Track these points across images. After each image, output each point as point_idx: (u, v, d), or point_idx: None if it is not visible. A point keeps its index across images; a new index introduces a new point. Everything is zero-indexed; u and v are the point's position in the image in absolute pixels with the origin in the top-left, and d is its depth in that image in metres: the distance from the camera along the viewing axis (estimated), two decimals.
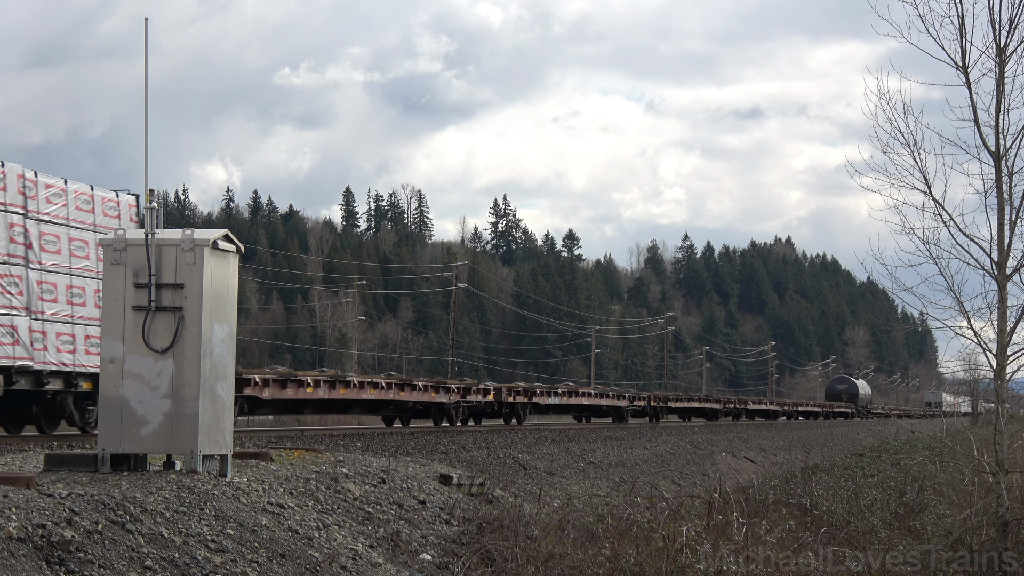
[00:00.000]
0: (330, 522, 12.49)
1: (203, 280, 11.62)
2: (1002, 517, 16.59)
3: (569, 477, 26.48)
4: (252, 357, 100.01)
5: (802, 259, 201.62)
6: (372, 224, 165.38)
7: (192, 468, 11.59)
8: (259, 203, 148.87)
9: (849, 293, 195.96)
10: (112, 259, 11.76)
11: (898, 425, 48.65)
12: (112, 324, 11.63)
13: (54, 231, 19.39)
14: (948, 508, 21.18)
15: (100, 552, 9.04)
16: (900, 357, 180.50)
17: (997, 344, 16.60)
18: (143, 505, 10.13)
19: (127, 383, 11.52)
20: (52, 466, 11.65)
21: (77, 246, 19.86)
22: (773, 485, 26.25)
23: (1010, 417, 20.12)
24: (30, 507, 9.27)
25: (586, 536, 14.40)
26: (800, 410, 74.09)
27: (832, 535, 16.70)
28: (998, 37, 16.21)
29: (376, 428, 33.33)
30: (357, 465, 15.61)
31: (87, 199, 20.40)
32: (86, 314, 19.69)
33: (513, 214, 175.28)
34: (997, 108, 16.31)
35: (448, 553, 13.51)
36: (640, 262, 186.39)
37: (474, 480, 17.89)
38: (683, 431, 42.12)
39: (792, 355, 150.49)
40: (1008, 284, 16.45)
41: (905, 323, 63.92)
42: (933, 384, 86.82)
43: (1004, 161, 16.39)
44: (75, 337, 19.57)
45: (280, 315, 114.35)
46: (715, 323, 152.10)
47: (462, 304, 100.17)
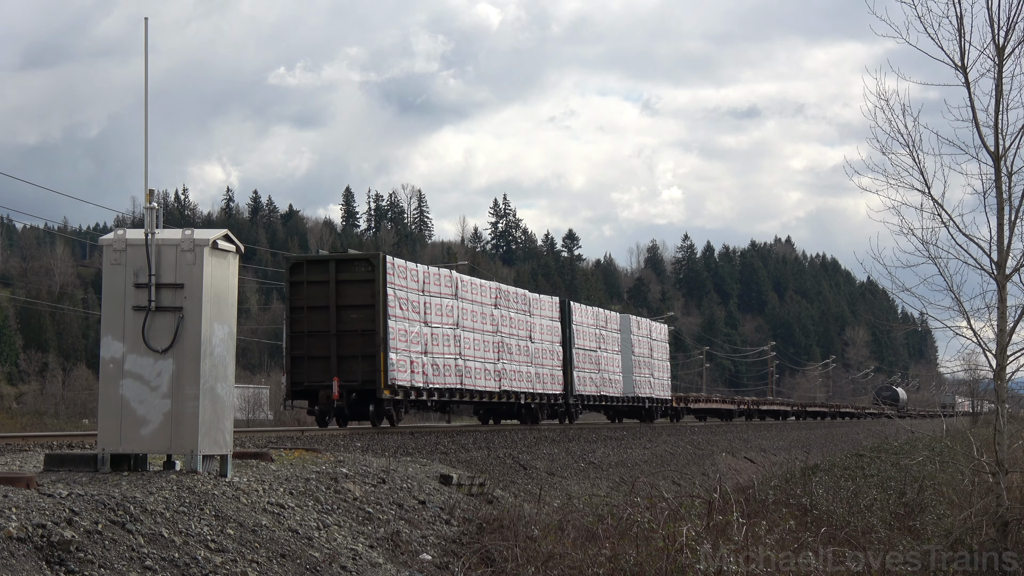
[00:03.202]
0: (330, 522, 12.50)
1: (203, 280, 11.63)
2: (1002, 517, 16.59)
3: (569, 477, 26.48)
4: (252, 357, 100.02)
5: (802, 259, 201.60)
6: (372, 224, 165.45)
7: (192, 468, 11.59)
8: (259, 203, 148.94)
9: (849, 293, 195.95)
10: (112, 259, 11.76)
11: (898, 425, 48.62)
12: (112, 324, 11.63)
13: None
14: (948, 508, 21.17)
15: (100, 552, 9.04)
16: (900, 357, 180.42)
17: (997, 344, 16.60)
18: (143, 505, 10.13)
19: (127, 383, 11.52)
20: (52, 466, 11.65)
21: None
22: (773, 485, 26.25)
23: (1010, 417, 20.10)
24: (30, 507, 9.27)
25: (586, 536, 14.40)
26: (843, 411, 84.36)
27: (832, 535, 16.70)
28: (996, 37, 16.22)
29: (376, 428, 33.25)
30: (357, 465, 15.61)
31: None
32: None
33: (513, 214, 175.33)
34: (996, 108, 16.32)
35: (448, 553, 13.52)
36: (640, 262, 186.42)
37: (474, 480, 17.90)
38: (683, 431, 42.11)
39: (792, 355, 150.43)
40: (1007, 284, 16.45)
41: (905, 323, 63.88)
42: (933, 384, 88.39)
43: (1003, 161, 16.39)
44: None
45: (280, 315, 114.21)
46: (715, 323, 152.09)
47: None
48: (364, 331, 26.68)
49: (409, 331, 27.62)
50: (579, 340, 38.59)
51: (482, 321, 31.60)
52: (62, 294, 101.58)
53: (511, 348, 33.22)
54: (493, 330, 32.16)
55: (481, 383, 31.07)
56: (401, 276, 27.62)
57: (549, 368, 35.74)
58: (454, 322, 29.87)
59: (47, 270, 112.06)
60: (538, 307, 35.96)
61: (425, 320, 28.41)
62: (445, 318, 29.38)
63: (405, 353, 27.23)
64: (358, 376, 26.60)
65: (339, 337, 26.81)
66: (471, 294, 31.23)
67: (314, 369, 27.00)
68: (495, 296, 32.81)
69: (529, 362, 34.29)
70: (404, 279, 27.72)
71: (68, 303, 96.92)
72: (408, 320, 27.57)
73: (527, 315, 34.93)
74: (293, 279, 27.48)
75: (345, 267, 27.31)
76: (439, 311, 29.08)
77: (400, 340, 27.09)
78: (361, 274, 27.04)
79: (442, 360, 28.97)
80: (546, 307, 36.66)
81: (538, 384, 34.88)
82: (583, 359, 38.73)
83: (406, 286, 27.78)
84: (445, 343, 29.18)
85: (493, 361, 31.91)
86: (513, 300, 34.07)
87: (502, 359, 32.52)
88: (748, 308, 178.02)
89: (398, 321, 27.14)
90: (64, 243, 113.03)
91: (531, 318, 35.13)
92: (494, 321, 32.33)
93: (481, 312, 31.58)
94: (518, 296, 34.62)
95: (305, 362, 27.13)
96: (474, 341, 30.83)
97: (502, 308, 33.04)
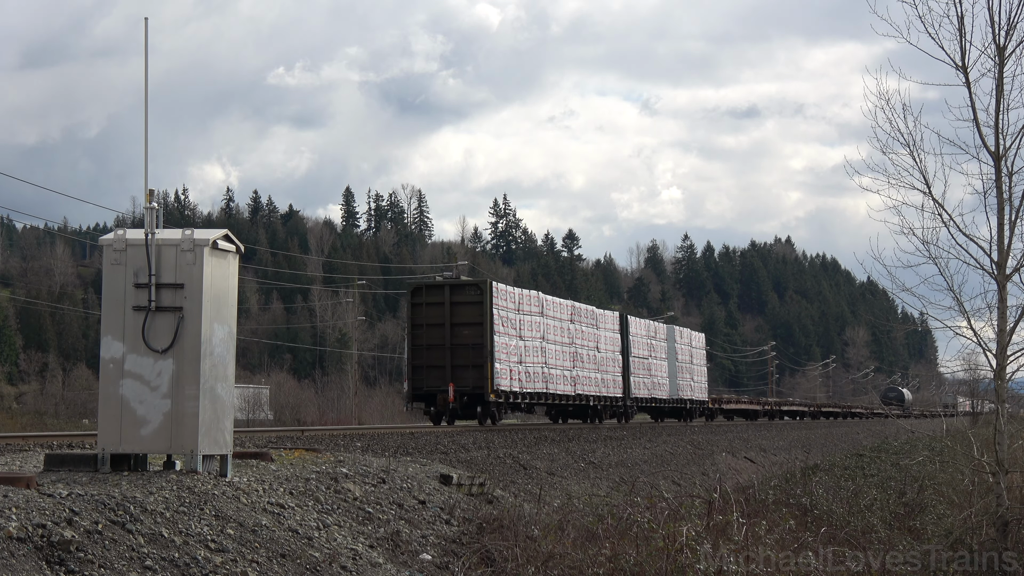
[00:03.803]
0: (330, 522, 12.50)
1: (203, 280, 11.62)
2: (1002, 517, 16.58)
3: (569, 477, 26.47)
4: (252, 357, 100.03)
5: (802, 259, 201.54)
6: (372, 224, 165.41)
7: (192, 468, 11.58)
8: (259, 203, 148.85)
9: (849, 293, 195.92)
10: (112, 259, 11.75)
11: (898, 425, 48.65)
12: (112, 324, 11.63)
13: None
14: (948, 508, 21.17)
15: (100, 552, 9.04)
16: (900, 357, 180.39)
17: (997, 344, 16.60)
18: (143, 505, 10.13)
19: (127, 383, 11.52)
20: (52, 466, 11.65)
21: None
22: (773, 485, 26.25)
23: (1010, 417, 20.09)
24: (30, 507, 9.27)
25: (586, 536, 14.40)
26: (854, 411, 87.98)
27: (832, 535, 16.70)
28: (997, 37, 16.23)
29: (376, 428, 33.32)
30: (357, 465, 15.61)
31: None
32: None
33: (513, 214, 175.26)
34: (996, 108, 16.32)
35: (448, 553, 13.52)
36: (640, 262, 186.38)
37: (474, 480, 17.89)
38: (683, 431, 42.11)
39: (792, 355, 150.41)
40: (1008, 284, 16.45)
41: (905, 323, 63.88)
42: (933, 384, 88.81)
43: (1004, 161, 16.39)
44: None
45: (280, 315, 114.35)
46: (715, 323, 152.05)
47: None
48: (474, 345, 32.03)
49: (509, 344, 33.22)
50: (635, 349, 44.11)
51: (561, 334, 37.28)
52: (62, 294, 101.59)
53: (582, 357, 38.78)
54: (569, 342, 37.81)
55: (560, 388, 36.56)
56: (503, 298, 33.10)
57: (611, 374, 41.33)
58: (541, 336, 35.54)
59: (47, 270, 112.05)
60: (603, 321, 41.38)
61: (520, 335, 34.03)
62: (534, 332, 35.06)
63: (506, 363, 32.79)
64: (469, 382, 32.03)
65: (453, 350, 32.20)
66: (553, 311, 36.88)
67: (432, 376, 32.27)
68: (571, 313, 38.50)
69: (596, 369, 39.85)
70: (505, 300, 33.30)
71: (68, 303, 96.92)
72: (508, 335, 33.17)
73: (595, 328, 40.34)
74: (414, 301, 33.07)
75: (458, 291, 32.92)
76: (530, 327, 34.77)
77: (503, 352, 32.64)
78: (471, 296, 32.64)
79: (532, 368, 34.66)
80: (608, 321, 42.04)
81: (603, 388, 40.24)
82: (638, 366, 44.27)
83: (506, 306, 33.33)
84: (534, 354, 34.90)
85: (569, 368, 37.53)
86: (584, 316, 39.56)
87: (576, 367, 38.13)
88: (748, 308, 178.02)
89: (501, 336, 32.65)
90: (64, 243, 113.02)
91: (597, 331, 40.56)
92: (570, 334, 38.01)
93: (560, 327, 37.27)
94: (588, 312, 40.19)
95: (424, 371, 32.41)
96: (555, 352, 36.54)
97: (576, 323, 38.74)
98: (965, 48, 16.28)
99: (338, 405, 79.67)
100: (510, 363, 33.08)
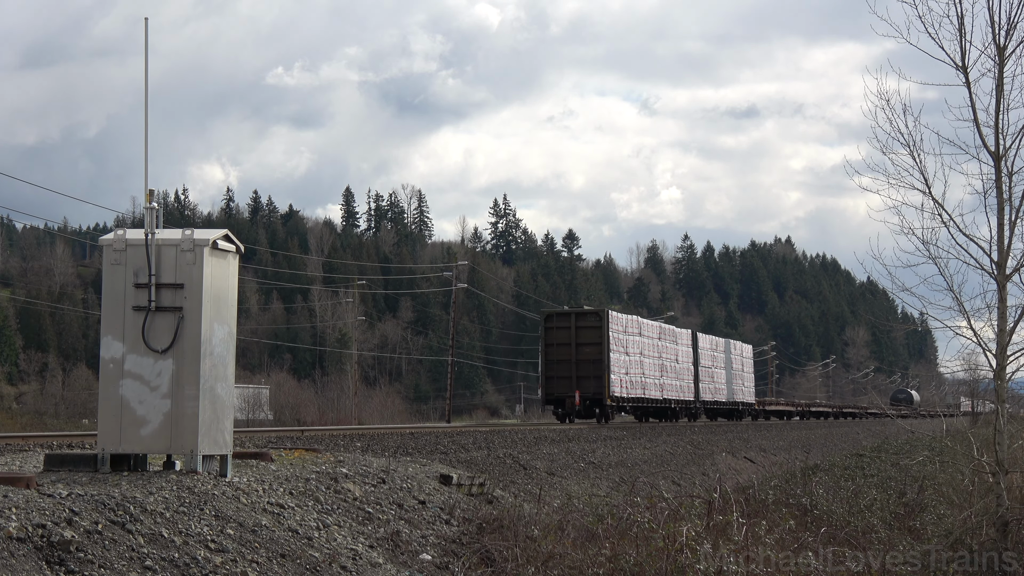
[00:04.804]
0: (330, 522, 12.49)
1: (203, 280, 11.61)
2: (1002, 517, 16.57)
3: (569, 477, 26.46)
4: (252, 357, 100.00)
5: (802, 259, 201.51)
6: (372, 224, 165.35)
7: (192, 468, 11.58)
8: (259, 203, 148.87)
9: (849, 293, 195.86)
10: (112, 259, 11.75)
11: (898, 425, 48.68)
12: (112, 324, 11.62)
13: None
14: (948, 508, 21.15)
15: (100, 552, 9.04)
16: (900, 357, 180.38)
17: (997, 344, 16.58)
18: (143, 505, 10.13)
19: (127, 383, 11.51)
20: (52, 466, 11.64)
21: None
22: (773, 485, 26.24)
23: (1010, 417, 20.08)
24: (30, 507, 9.27)
25: (586, 536, 14.40)
26: (870, 412, 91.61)
27: (832, 535, 16.69)
28: (997, 37, 16.20)
29: (376, 428, 33.33)
30: (357, 465, 15.61)
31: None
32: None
33: (513, 214, 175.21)
34: (997, 108, 16.29)
35: (448, 553, 13.52)
36: (640, 262, 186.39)
37: (474, 480, 17.89)
38: (683, 431, 42.13)
39: (792, 355, 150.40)
40: (1008, 284, 16.43)
41: (905, 323, 63.81)
42: (933, 384, 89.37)
43: (1004, 161, 16.36)
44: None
45: (280, 315, 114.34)
46: (715, 323, 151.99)
47: (462, 304, 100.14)
48: (594, 360, 41.55)
49: (619, 359, 42.62)
50: (702, 360, 53.64)
51: (652, 350, 46.65)
52: (62, 294, 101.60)
53: (667, 368, 48.30)
54: (658, 356, 47.30)
55: (652, 393, 46.18)
56: (615, 323, 42.74)
57: (686, 381, 51.08)
58: (639, 352, 44.91)
59: (47, 270, 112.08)
60: (680, 337, 51.29)
61: (626, 351, 43.43)
62: (635, 349, 44.50)
63: (618, 374, 42.34)
64: (590, 390, 41.51)
65: (577, 364, 41.70)
66: (647, 332, 46.32)
67: (561, 385, 41.88)
68: (659, 332, 48.10)
69: (676, 377, 49.50)
70: (616, 324, 42.88)
71: (68, 303, 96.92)
72: (618, 352, 42.69)
73: (675, 344, 49.92)
74: (547, 325, 43.09)
75: (581, 317, 43.01)
76: (633, 345, 44.20)
77: (615, 366, 42.23)
78: (592, 322, 42.36)
79: (635, 378, 44.19)
80: (684, 337, 51.93)
81: (681, 393, 49.97)
82: (704, 374, 53.81)
83: (617, 329, 42.85)
84: (636, 367, 44.39)
85: (658, 378, 47.07)
86: (668, 334, 49.31)
87: (663, 376, 47.74)
88: (748, 308, 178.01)
89: (614, 353, 42.23)
90: (64, 243, 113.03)
91: (676, 346, 50.08)
92: (658, 350, 47.52)
93: (652, 344, 46.75)
94: (670, 331, 50.03)
95: (555, 380, 42.07)
96: (649, 364, 45.96)
97: (663, 340, 48.33)
98: (965, 48, 16.26)
99: (338, 405, 79.71)
100: (620, 374, 42.52)
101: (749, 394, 62.10)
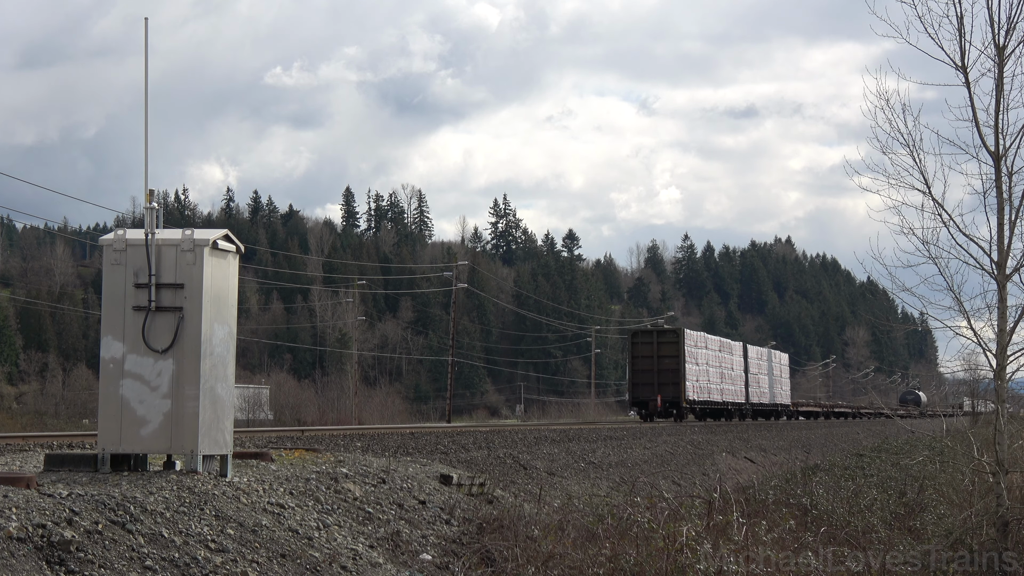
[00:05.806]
0: (330, 522, 12.50)
1: (203, 280, 11.61)
2: (1002, 517, 16.58)
3: (569, 477, 26.47)
4: (252, 357, 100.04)
5: (802, 259, 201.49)
6: (372, 224, 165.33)
7: (192, 468, 11.58)
8: (259, 203, 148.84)
9: (849, 293, 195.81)
10: (112, 259, 11.75)
11: (898, 425, 48.70)
12: (112, 324, 11.62)
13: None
14: (948, 508, 21.16)
15: (100, 552, 9.04)
16: (900, 357, 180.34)
17: (997, 344, 16.58)
18: (143, 505, 10.13)
19: (127, 383, 11.51)
20: (52, 466, 11.64)
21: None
22: (773, 485, 26.26)
23: (1010, 417, 20.08)
24: (30, 507, 9.27)
25: (586, 536, 14.40)
26: (880, 412, 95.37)
27: (832, 535, 16.70)
28: (997, 37, 16.20)
29: (376, 428, 33.34)
30: (357, 465, 15.61)
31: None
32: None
33: (513, 214, 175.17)
34: (996, 108, 16.29)
35: (448, 553, 13.52)
36: (640, 262, 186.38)
37: (474, 480, 17.89)
38: (683, 431, 42.13)
39: (792, 355, 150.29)
40: (1008, 284, 16.43)
41: (905, 323, 63.81)
42: (933, 384, 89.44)
43: (1003, 161, 16.36)
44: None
45: (280, 315, 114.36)
46: (715, 323, 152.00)
47: (462, 304, 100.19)
48: (672, 370, 51.14)
49: (691, 369, 52.12)
50: (751, 368, 63.59)
51: (714, 360, 56.04)
52: (62, 294, 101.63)
53: (725, 376, 57.78)
54: (718, 365, 56.64)
55: (715, 397, 55.67)
56: (688, 339, 52.25)
57: (739, 386, 60.93)
58: (706, 362, 54.48)
59: (47, 270, 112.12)
60: (734, 349, 61.15)
61: (696, 362, 52.88)
62: (703, 360, 54.08)
63: (691, 381, 51.86)
64: (669, 394, 51.06)
65: (658, 373, 51.20)
66: (711, 345, 56.13)
67: (644, 390, 51.51)
68: (719, 345, 57.87)
69: (732, 383, 59.31)
70: (689, 340, 52.45)
71: (68, 303, 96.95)
72: (691, 363, 52.06)
73: (730, 355, 59.74)
74: (633, 340, 53.30)
75: (662, 335, 53.08)
76: (701, 357, 53.92)
77: (689, 374, 51.70)
78: (671, 339, 52.20)
79: (703, 384, 53.67)
80: (737, 349, 61.87)
81: (735, 397, 59.78)
82: (751, 380, 63.51)
83: (690, 344, 52.27)
84: (703, 375, 53.87)
85: (719, 384, 56.61)
86: (725, 346, 59.11)
87: (723, 382, 57.28)
88: (748, 308, 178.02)
89: (688, 363, 51.57)
90: (64, 243, 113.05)
91: (732, 356, 59.99)
92: (719, 360, 57.01)
93: (714, 356, 56.36)
94: (726, 343, 59.76)
95: (640, 386, 51.72)
96: (712, 373, 55.52)
97: (721, 352, 57.82)
98: (965, 48, 16.26)
99: (338, 405, 79.76)
100: (692, 381, 51.91)
101: (786, 397, 71.70)
